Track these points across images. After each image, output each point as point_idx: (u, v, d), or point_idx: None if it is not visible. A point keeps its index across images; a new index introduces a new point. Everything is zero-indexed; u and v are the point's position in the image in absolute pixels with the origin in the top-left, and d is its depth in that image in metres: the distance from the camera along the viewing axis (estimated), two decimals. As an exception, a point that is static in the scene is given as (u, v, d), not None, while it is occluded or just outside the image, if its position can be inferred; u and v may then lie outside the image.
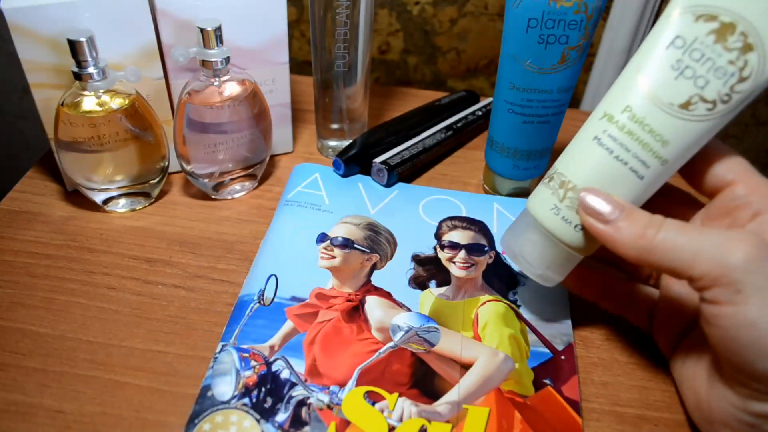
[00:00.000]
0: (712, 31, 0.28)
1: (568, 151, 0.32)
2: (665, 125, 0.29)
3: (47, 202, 0.43)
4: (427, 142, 0.48)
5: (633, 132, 0.29)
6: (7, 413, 0.30)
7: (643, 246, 0.27)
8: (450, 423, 0.30)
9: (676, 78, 0.28)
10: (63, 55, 0.37)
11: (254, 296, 0.36)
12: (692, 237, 0.26)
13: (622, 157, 0.29)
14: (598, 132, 0.30)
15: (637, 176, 0.29)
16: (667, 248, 0.26)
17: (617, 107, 0.30)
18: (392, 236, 0.41)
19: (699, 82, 0.28)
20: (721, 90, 0.28)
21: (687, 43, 0.28)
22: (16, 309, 0.35)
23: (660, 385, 0.33)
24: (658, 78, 0.29)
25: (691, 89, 0.28)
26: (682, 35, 0.28)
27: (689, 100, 0.28)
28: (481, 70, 0.69)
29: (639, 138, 0.29)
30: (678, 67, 0.28)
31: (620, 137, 0.29)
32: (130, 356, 0.33)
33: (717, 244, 0.25)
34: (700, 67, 0.28)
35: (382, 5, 0.65)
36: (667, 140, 0.29)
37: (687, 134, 0.29)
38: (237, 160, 0.43)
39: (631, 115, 0.29)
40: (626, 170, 0.29)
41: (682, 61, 0.28)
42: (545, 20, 0.36)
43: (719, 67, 0.28)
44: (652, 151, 0.29)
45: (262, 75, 0.44)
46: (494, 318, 0.35)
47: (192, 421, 0.29)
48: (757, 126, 0.74)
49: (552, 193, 0.31)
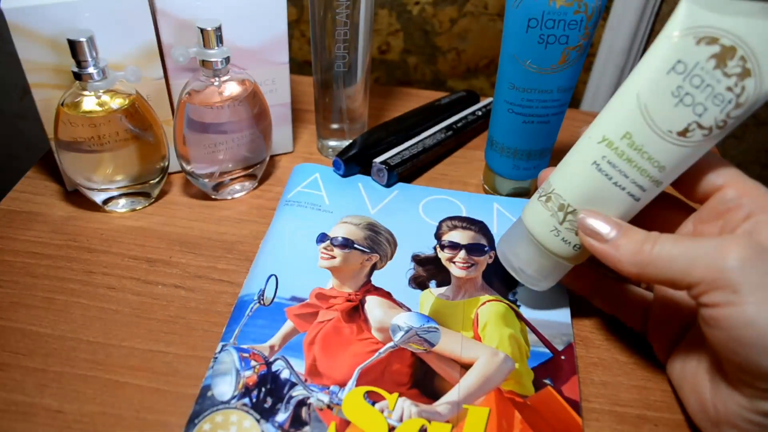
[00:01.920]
0: (713, 56, 0.27)
1: (566, 172, 0.32)
2: (663, 152, 0.29)
3: (47, 202, 0.43)
4: (427, 142, 0.48)
5: (632, 159, 0.30)
6: (7, 413, 0.30)
7: (640, 261, 0.28)
8: (450, 423, 0.30)
9: (675, 105, 0.28)
10: (63, 55, 0.37)
11: (254, 296, 0.36)
12: (686, 246, 0.27)
13: (621, 183, 0.30)
14: (597, 157, 0.30)
15: (634, 199, 0.30)
16: (664, 260, 0.27)
17: (617, 133, 0.30)
18: (392, 236, 0.41)
19: (698, 109, 0.28)
20: (717, 117, 0.28)
21: (688, 68, 0.28)
22: (16, 309, 0.35)
23: (660, 385, 0.33)
24: (659, 105, 0.29)
25: (690, 117, 0.28)
26: (684, 60, 0.28)
27: (687, 128, 0.28)
28: (481, 70, 0.69)
29: (637, 165, 0.30)
30: (678, 94, 0.28)
31: (619, 164, 0.30)
32: (130, 356, 0.33)
33: (710, 250, 0.26)
34: (700, 94, 0.28)
35: (382, 5, 0.65)
36: (664, 165, 0.29)
37: (683, 159, 0.29)
38: (237, 160, 0.43)
39: (630, 143, 0.29)
40: (624, 194, 0.30)
41: (683, 88, 0.28)
42: (545, 20, 0.36)
43: (718, 94, 0.28)
44: (649, 176, 0.30)
45: (262, 75, 0.44)
46: (494, 318, 0.35)
47: (192, 421, 0.29)
48: (757, 126, 0.74)
49: (551, 215, 0.32)
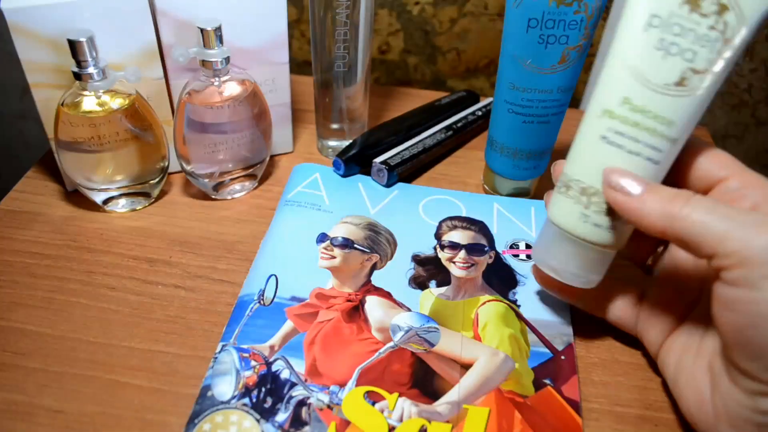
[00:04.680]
0: (685, 1, 0.27)
1: (578, 156, 0.31)
2: (667, 106, 0.28)
3: (47, 202, 0.43)
4: (427, 142, 0.48)
5: (638, 123, 0.29)
6: (7, 413, 0.30)
7: (669, 215, 0.26)
8: (450, 423, 0.30)
9: (663, 57, 0.28)
10: (63, 55, 0.37)
11: (254, 296, 0.36)
12: (723, 214, 0.25)
13: (634, 149, 0.29)
14: (603, 130, 0.30)
15: (653, 162, 0.29)
16: (696, 222, 0.26)
17: (614, 101, 0.29)
18: (392, 236, 0.41)
19: (687, 55, 0.28)
20: (709, 57, 0.27)
21: (663, 19, 0.28)
22: (16, 309, 0.35)
23: (660, 385, 0.33)
24: (646, 62, 0.28)
25: (681, 64, 0.28)
26: (656, 12, 0.28)
27: (683, 76, 0.28)
28: (481, 70, 0.69)
29: (645, 126, 0.29)
30: (662, 46, 0.28)
31: (627, 131, 0.29)
32: (130, 356, 0.33)
33: (749, 225, 0.24)
34: (683, 40, 0.28)
35: (382, 5, 0.65)
36: (672, 120, 0.28)
37: (689, 109, 0.28)
38: (237, 160, 0.43)
39: (631, 107, 0.29)
40: (641, 160, 0.29)
41: (665, 39, 0.28)
42: (545, 20, 0.36)
43: (701, 35, 0.27)
44: (660, 134, 0.29)
45: (262, 75, 0.44)
46: (494, 318, 0.35)
47: (192, 421, 0.29)
48: (757, 126, 0.74)
49: (575, 203, 0.31)
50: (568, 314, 0.36)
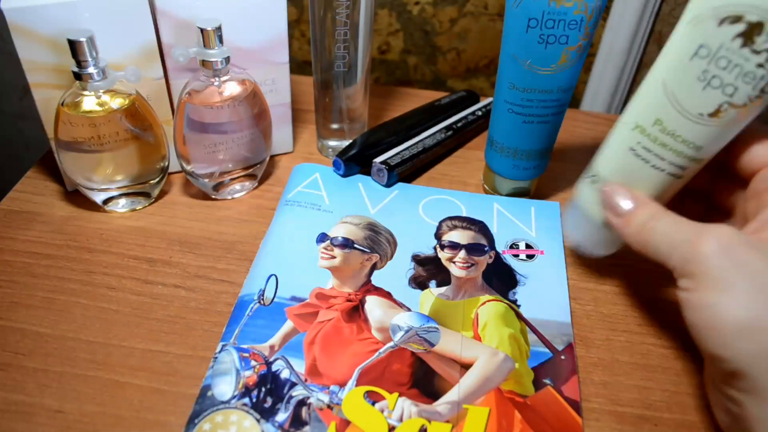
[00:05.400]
0: (738, 35, 0.26)
1: (607, 156, 0.33)
2: (697, 133, 0.29)
3: (47, 202, 0.43)
4: (427, 142, 0.48)
5: (666, 144, 0.30)
6: (8, 413, 0.30)
7: (642, 238, 0.30)
8: (450, 423, 0.30)
9: (703, 89, 0.28)
10: (63, 55, 0.37)
11: (254, 296, 0.36)
12: (673, 229, 0.28)
13: (659, 165, 0.31)
14: (633, 143, 0.31)
15: (675, 177, 0.31)
16: (657, 239, 0.29)
17: (647, 120, 0.30)
18: (392, 236, 0.41)
19: (727, 90, 0.27)
20: (751, 94, 0.27)
21: (712, 51, 0.27)
22: (16, 309, 0.35)
23: (660, 385, 0.33)
24: (685, 91, 0.28)
25: (720, 98, 0.28)
26: (706, 44, 0.27)
27: (719, 109, 0.28)
28: (481, 70, 0.69)
29: (672, 148, 0.30)
30: (705, 78, 0.28)
31: (654, 149, 0.30)
32: (130, 356, 0.33)
33: (688, 236, 0.27)
34: (728, 75, 0.27)
35: (382, 5, 0.65)
36: (701, 145, 0.29)
37: (719, 137, 0.29)
38: (237, 160, 0.43)
39: (662, 128, 0.30)
40: (664, 175, 0.31)
41: (709, 72, 0.27)
42: (545, 20, 0.36)
43: (747, 72, 0.27)
44: (686, 156, 0.30)
45: (262, 75, 0.44)
46: (494, 318, 0.35)
47: (192, 421, 0.29)
48: (757, 126, 0.74)
49: (599, 194, 0.34)
50: (569, 314, 0.36)
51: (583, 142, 0.53)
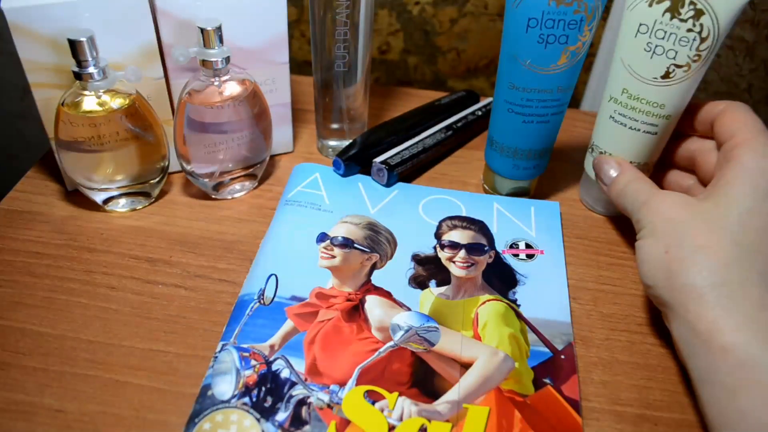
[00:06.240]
0: (666, 10, 0.35)
1: (597, 129, 0.42)
2: (657, 94, 0.37)
3: (47, 202, 0.43)
4: (427, 142, 0.48)
5: (635, 107, 0.38)
6: (8, 413, 0.30)
7: (618, 196, 0.37)
8: (450, 422, 0.30)
9: (651, 57, 0.36)
10: (63, 54, 0.37)
11: (254, 296, 0.36)
12: (637, 192, 0.35)
13: (634, 126, 0.39)
14: (611, 112, 0.40)
15: (651, 134, 0.39)
16: (627, 201, 0.36)
17: (617, 91, 0.39)
18: (392, 236, 0.41)
19: (669, 54, 0.36)
20: (689, 54, 0.35)
21: (650, 27, 0.36)
22: (16, 308, 0.35)
23: (660, 384, 0.33)
24: (638, 61, 0.37)
25: (666, 62, 0.36)
26: (644, 21, 0.36)
27: (667, 71, 0.36)
28: (481, 70, 0.69)
29: (640, 109, 0.38)
30: (650, 48, 0.36)
31: (627, 113, 0.39)
32: (130, 356, 0.33)
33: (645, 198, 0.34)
34: (667, 42, 0.35)
35: (382, 5, 0.65)
36: (663, 103, 0.37)
37: (676, 94, 0.37)
38: (237, 160, 0.43)
39: (629, 95, 0.38)
40: (641, 134, 0.39)
41: (652, 43, 0.36)
42: (545, 20, 0.36)
43: (681, 37, 0.35)
44: (654, 114, 0.38)
45: (262, 75, 0.44)
46: (494, 317, 0.35)
47: (192, 421, 0.29)
48: (757, 126, 0.74)
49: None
50: (568, 314, 0.36)
51: (583, 142, 0.52)
